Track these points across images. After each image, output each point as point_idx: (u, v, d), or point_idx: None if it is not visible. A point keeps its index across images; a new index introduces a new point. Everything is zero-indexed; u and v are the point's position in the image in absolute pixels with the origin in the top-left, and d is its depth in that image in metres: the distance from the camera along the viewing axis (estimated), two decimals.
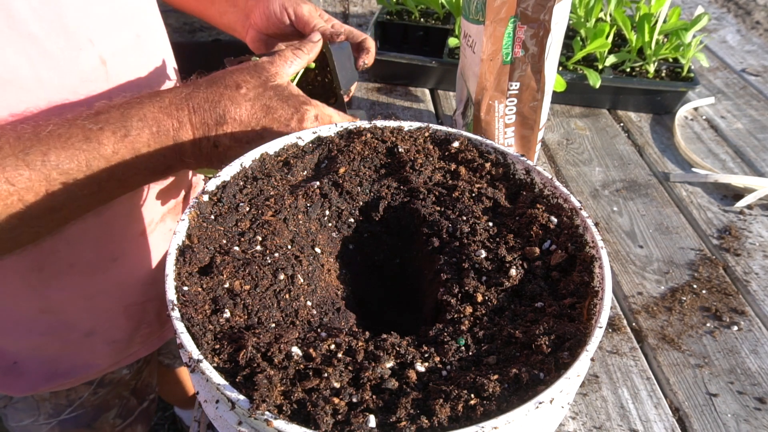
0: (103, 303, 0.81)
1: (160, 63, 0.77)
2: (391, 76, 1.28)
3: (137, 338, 0.90)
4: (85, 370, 0.87)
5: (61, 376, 0.86)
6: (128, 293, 0.84)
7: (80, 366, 0.86)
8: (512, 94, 0.90)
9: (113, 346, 0.88)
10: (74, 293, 0.77)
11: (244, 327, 0.43)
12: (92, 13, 0.64)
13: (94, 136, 0.51)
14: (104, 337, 0.86)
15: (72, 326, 0.81)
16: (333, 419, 0.36)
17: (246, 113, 0.56)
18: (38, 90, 0.60)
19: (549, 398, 0.37)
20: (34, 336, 0.80)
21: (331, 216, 0.56)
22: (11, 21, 0.56)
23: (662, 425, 0.68)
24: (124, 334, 0.88)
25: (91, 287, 0.79)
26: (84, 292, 0.78)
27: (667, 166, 1.10)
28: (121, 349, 0.89)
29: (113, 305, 0.83)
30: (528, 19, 0.82)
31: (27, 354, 0.82)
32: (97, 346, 0.86)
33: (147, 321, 0.90)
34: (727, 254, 0.91)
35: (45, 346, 0.81)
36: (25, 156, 0.49)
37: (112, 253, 0.78)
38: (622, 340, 0.78)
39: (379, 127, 0.61)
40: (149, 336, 0.93)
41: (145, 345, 0.93)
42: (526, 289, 0.47)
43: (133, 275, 0.83)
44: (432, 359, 0.41)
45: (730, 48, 1.52)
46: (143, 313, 0.88)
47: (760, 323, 0.80)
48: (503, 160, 0.60)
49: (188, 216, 0.49)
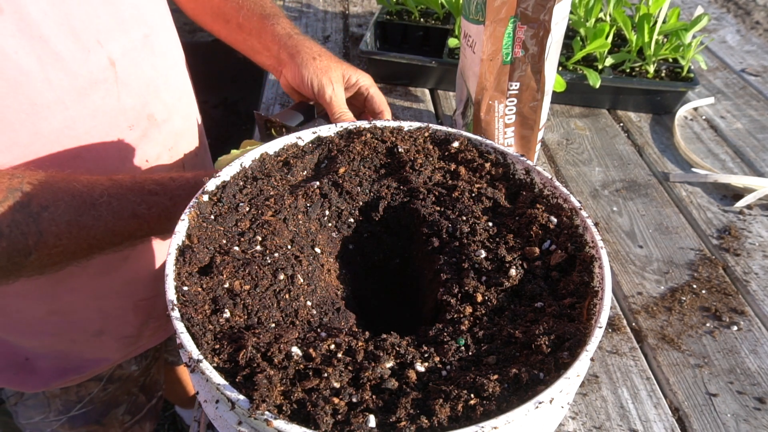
0: (113, 302, 0.82)
1: (170, 62, 0.77)
2: (391, 76, 1.28)
3: (146, 332, 0.92)
4: (96, 365, 0.89)
5: (72, 371, 0.87)
6: (138, 290, 0.85)
7: (90, 361, 0.88)
8: (512, 94, 0.90)
9: (123, 341, 0.89)
10: (85, 294, 0.78)
11: (244, 327, 0.43)
12: (99, 14, 0.64)
13: (142, 214, 0.60)
14: (114, 335, 0.87)
15: (81, 327, 0.82)
16: (333, 419, 0.36)
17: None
18: (48, 91, 0.60)
19: (549, 398, 0.37)
20: (44, 336, 0.80)
21: (331, 216, 0.56)
22: (23, 24, 0.56)
23: (662, 425, 0.68)
24: (134, 330, 0.89)
25: (102, 287, 0.79)
26: (94, 292, 0.79)
27: (667, 166, 1.10)
28: (130, 343, 0.90)
29: (123, 303, 0.84)
30: (528, 19, 0.82)
31: (38, 351, 0.82)
32: (107, 343, 0.87)
33: (155, 316, 0.91)
34: (726, 254, 0.91)
35: (55, 344, 0.82)
36: (78, 218, 0.55)
37: (123, 252, 0.78)
38: (621, 340, 0.78)
39: (379, 127, 0.61)
40: (157, 330, 0.94)
41: (152, 338, 0.95)
42: (526, 289, 0.47)
43: (143, 272, 0.84)
44: (432, 359, 0.41)
45: (729, 48, 1.52)
46: (152, 308, 0.89)
47: (759, 323, 0.80)
48: (503, 160, 0.60)
49: (188, 216, 0.49)
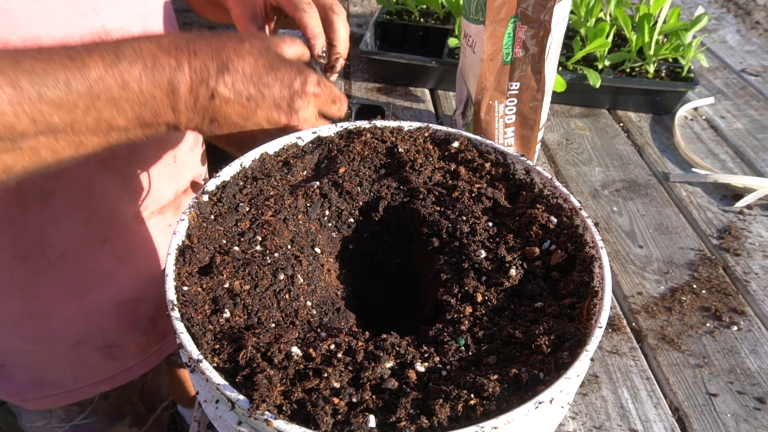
0: (93, 302, 0.78)
1: None
2: (391, 76, 1.28)
3: (131, 346, 0.87)
4: (75, 383, 0.84)
5: (48, 386, 0.83)
6: (120, 287, 0.81)
7: (70, 379, 0.83)
8: (512, 94, 0.90)
9: (105, 353, 0.84)
10: (62, 288, 0.74)
11: (244, 327, 0.43)
12: None
13: (80, 56, 0.44)
14: (94, 344, 0.82)
15: (60, 334, 0.78)
16: (333, 419, 0.36)
17: (249, 67, 0.51)
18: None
19: (549, 398, 0.37)
20: (20, 342, 0.77)
21: (331, 216, 0.56)
22: None
23: (662, 425, 0.68)
24: (116, 338, 0.84)
25: (81, 281, 0.76)
26: (73, 286, 0.75)
27: (667, 166, 1.10)
28: (113, 356, 0.85)
29: (103, 305, 0.80)
30: (528, 19, 0.82)
31: (14, 359, 0.80)
32: (89, 355, 0.82)
33: (141, 326, 0.86)
34: (726, 254, 0.91)
35: (31, 354, 0.79)
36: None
37: (102, 234, 0.75)
38: (621, 340, 0.78)
39: (379, 127, 0.61)
40: (146, 346, 0.89)
41: (142, 358, 0.90)
42: (525, 289, 0.47)
43: (125, 264, 0.80)
44: (432, 359, 0.41)
45: (729, 48, 1.52)
46: (136, 314, 0.85)
47: (759, 323, 0.80)
48: (503, 160, 0.60)
49: (188, 216, 0.49)
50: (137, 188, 0.77)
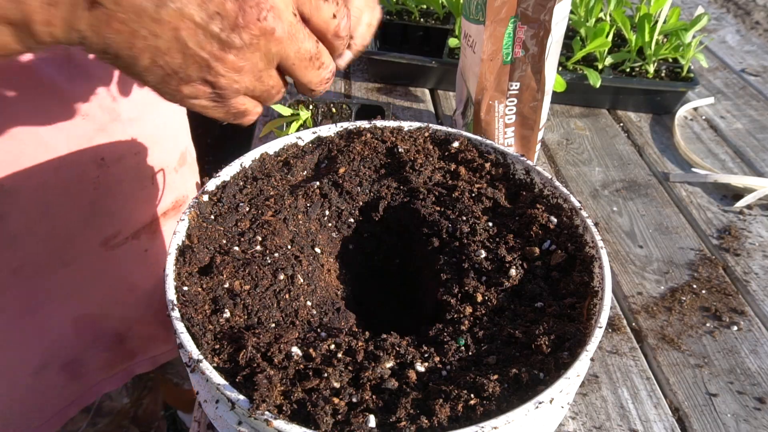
0: (46, 317, 0.72)
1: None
2: (391, 76, 1.28)
3: (93, 361, 0.80)
4: (41, 415, 0.77)
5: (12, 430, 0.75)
6: (79, 304, 0.75)
7: (34, 410, 0.76)
8: (512, 94, 0.90)
9: (68, 371, 0.77)
10: (14, 307, 0.68)
11: (244, 327, 0.43)
12: None
13: None
14: (57, 363, 0.76)
15: (20, 362, 0.72)
16: (333, 419, 0.36)
17: None
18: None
19: (549, 398, 0.37)
20: None
21: (331, 216, 0.56)
22: None
23: (662, 425, 0.68)
24: (75, 353, 0.77)
25: (34, 298, 0.70)
26: (26, 305, 0.69)
27: (667, 166, 1.10)
28: (76, 375, 0.78)
29: (60, 319, 0.74)
30: (528, 19, 0.82)
31: None
32: (52, 380, 0.76)
33: (104, 342, 0.80)
34: (726, 254, 0.91)
35: None
36: None
37: (63, 258, 0.69)
38: (621, 340, 0.78)
39: (379, 127, 0.61)
40: (110, 363, 0.83)
41: (107, 375, 0.83)
42: (526, 289, 0.47)
43: (89, 287, 0.74)
44: (432, 359, 0.41)
45: (729, 48, 1.52)
46: (97, 329, 0.79)
47: (759, 323, 0.80)
48: (503, 160, 0.60)
49: (188, 216, 0.49)
50: (106, 212, 0.72)
